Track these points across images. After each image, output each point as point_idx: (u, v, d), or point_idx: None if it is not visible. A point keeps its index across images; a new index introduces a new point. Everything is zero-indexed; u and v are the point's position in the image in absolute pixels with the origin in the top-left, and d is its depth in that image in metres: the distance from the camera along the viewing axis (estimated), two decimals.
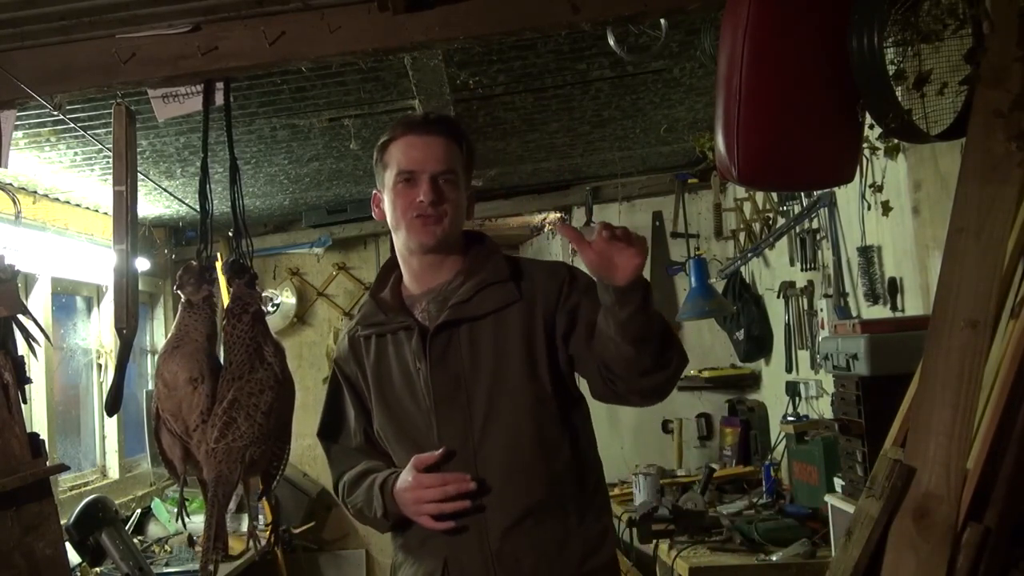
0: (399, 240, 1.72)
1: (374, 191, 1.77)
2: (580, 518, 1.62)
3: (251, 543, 2.25)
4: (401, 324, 1.69)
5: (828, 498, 2.56)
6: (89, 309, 4.13)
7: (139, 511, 3.95)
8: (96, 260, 3.82)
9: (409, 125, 1.69)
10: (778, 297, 3.76)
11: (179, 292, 2.11)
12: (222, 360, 2.08)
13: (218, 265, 2.65)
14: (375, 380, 1.72)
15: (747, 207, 4.03)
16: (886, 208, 2.57)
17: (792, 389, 3.66)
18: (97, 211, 3.87)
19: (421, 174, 1.65)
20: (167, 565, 3.53)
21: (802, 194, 3.32)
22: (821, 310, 3.28)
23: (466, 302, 1.65)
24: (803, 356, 3.61)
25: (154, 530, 3.90)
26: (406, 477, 1.61)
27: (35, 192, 3.44)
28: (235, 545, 3.43)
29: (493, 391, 1.62)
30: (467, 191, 1.73)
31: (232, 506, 2.06)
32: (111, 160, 2.25)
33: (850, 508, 2.13)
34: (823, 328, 3.23)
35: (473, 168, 1.76)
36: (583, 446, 1.68)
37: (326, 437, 1.83)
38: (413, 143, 1.67)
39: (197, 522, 3.21)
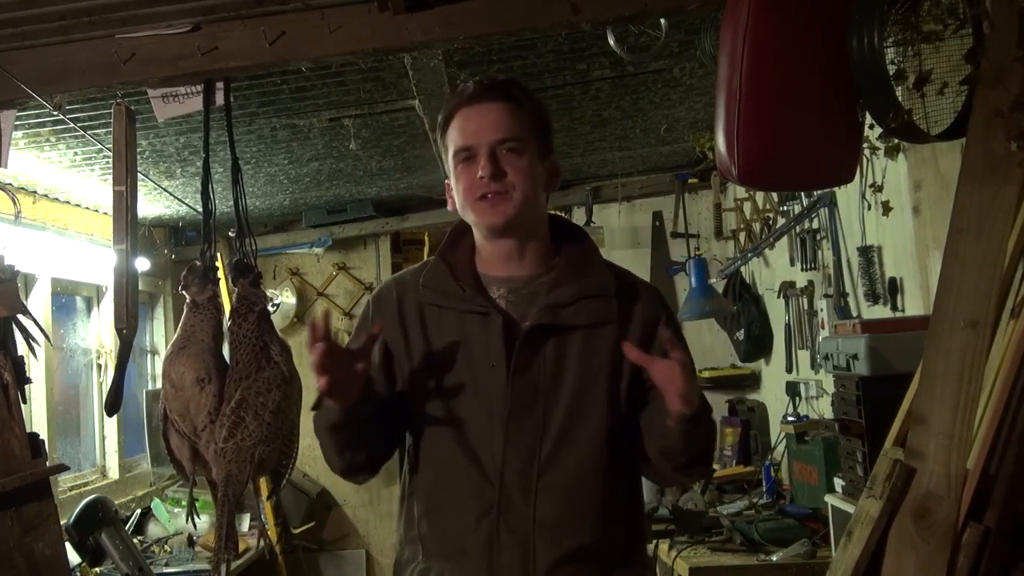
0: (473, 227, 1.55)
1: (446, 180, 1.58)
2: (621, 563, 1.49)
3: (261, 542, 2.26)
4: (478, 308, 1.48)
5: (828, 498, 2.56)
6: (89, 309, 4.12)
7: (139, 511, 3.95)
8: (96, 260, 3.81)
9: (461, 97, 1.50)
10: (778, 297, 3.76)
11: (183, 293, 2.11)
12: (228, 360, 2.08)
13: (219, 265, 2.66)
14: (426, 360, 1.50)
15: (747, 207, 4.03)
16: (886, 208, 2.57)
17: (792, 389, 3.66)
18: (97, 211, 3.87)
19: (479, 147, 1.46)
20: (167, 565, 3.54)
21: (802, 194, 3.31)
22: (821, 310, 3.27)
23: (564, 307, 1.47)
24: (803, 356, 3.61)
25: (154, 530, 3.90)
26: None
27: (35, 192, 3.44)
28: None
29: (571, 413, 1.46)
30: (544, 161, 1.53)
31: None
32: (111, 160, 2.26)
33: (850, 508, 2.13)
34: (823, 328, 3.23)
35: (549, 134, 1.55)
36: (638, 488, 1.55)
37: None
38: (467, 116, 1.48)
39: (203, 521, 3.23)
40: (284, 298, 4.94)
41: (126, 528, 3.54)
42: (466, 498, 1.46)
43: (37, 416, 3.40)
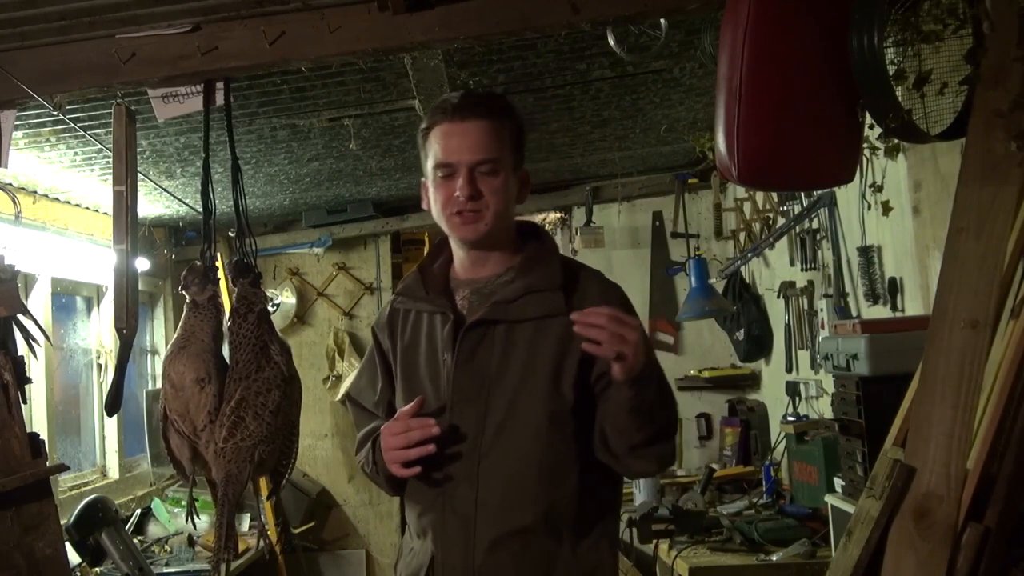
0: (447, 234, 1.67)
1: (422, 179, 1.68)
2: (573, 548, 1.54)
3: (261, 542, 2.26)
4: (438, 308, 1.63)
5: (828, 498, 2.56)
6: (89, 309, 4.12)
7: (139, 511, 3.95)
8: (96, 260, 3.81)
9: (444, 110, 1.59)
10: (778, 297, 3.76)
11: (184, 293, 2.11)
12: (228, 360, 2.08)
13: (219, 265, 2.65)
14: (403, 358, 1.67)
15: (747, 207, 4.03)
16: (886, 208, 2.57)
17: (792, 389, 3.66)
18: (97, 211, 3.87)
19: (459, 166, 1.56)
20: (167, 565, 3.54)
21: (802, 194, 3.32)
22: (821, 310, 3.28)
23: (509, 303, 1.58)
24: (803, 356, 3.61)
25: (154, 530, 3.90)
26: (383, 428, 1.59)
27: (35, 192, 3.44)
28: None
29: (514, 401, 1.55)
30: (517, 174, 1.63)
31: None
32: (111, 160, 2.25)
33: (850, 508, 2.13)
34: (823, 328, 3.23)
35: (523, 146, 1.66)
36: (596, 474, 1.58)
37: (353, 401, 1.79)
38: (449, 131, 1.57)
39: (203, 521, 3.23)
40: (284, 298, 4.94)
41: (126, 528, 3.54)
42: (424, 483, 1.58)
43: (37, 416, 3.40)
